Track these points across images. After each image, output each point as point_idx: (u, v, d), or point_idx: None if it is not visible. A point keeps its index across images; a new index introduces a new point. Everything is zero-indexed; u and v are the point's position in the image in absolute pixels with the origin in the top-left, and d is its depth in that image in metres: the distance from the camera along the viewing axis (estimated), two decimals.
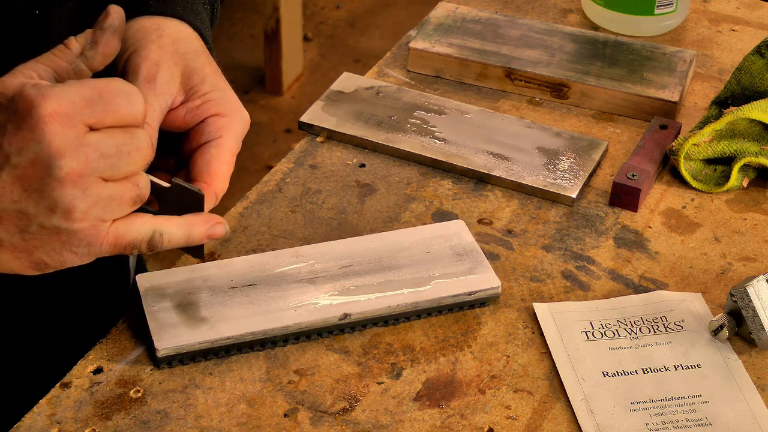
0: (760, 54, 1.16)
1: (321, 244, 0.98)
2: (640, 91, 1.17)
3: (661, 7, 1.28)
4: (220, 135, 0.86)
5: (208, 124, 0.86)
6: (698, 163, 1.10)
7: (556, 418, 0.87)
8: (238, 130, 0.87)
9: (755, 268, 1.01)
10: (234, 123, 0.87)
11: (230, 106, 0.87)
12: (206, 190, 0.84)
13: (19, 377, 1.00)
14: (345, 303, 0.92)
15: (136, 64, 0.85)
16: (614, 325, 0.94)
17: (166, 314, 0.90)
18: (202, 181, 0.85)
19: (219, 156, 0.85)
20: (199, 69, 0.87)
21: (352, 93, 1.17)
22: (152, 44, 0.86)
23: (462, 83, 1.22)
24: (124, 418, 0.85)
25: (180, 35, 0.88)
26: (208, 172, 0.85)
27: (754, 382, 0.90)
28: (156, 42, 0.87)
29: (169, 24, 0.89)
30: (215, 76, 0.88)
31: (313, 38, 3.13)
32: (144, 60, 0.85)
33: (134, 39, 0.87)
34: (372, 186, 1.08)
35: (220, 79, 0.88)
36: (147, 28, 0.88)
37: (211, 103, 0.86)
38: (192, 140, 0.87)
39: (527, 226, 1.04)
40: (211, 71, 0.88)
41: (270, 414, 0.87)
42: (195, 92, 0.87)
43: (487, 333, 0.94)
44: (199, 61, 0.88)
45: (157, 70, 0.85)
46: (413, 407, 0.88)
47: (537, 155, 1.10)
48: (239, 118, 0.87)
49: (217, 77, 0.88)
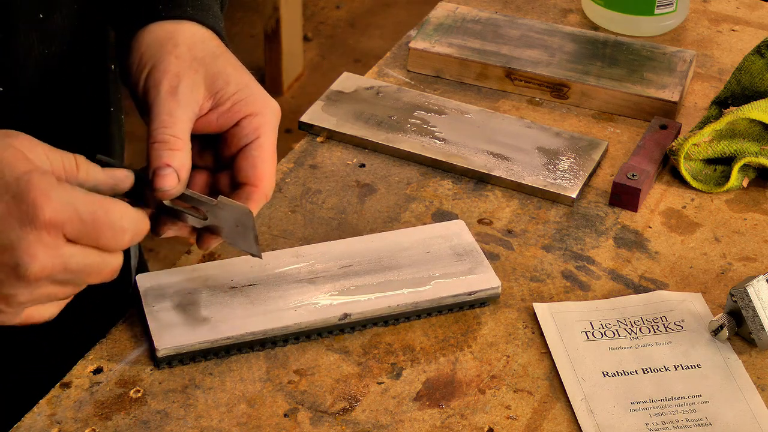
0: (760, 54, 1.16)
1: (321, 244, 0.98)
2: (640, 91, 1.17)
3: (661, 7, 1.28)
4: (258, 135, 0.86)
5: (244, 126, 0.86)
6: (698, 163, 1.10)
7: (556, 418, 0.87)
8: (274, 124, 0.88)
9: (755, 268, 1.01)
10: (268, 119, 0.87)
11: (259, 102, 0.87)
12: (257, 192, 0.85)
13: (19, 377, 1.00)
14: (345, 303, 0.92)
15: (157, 79, 0.85)
16: (614, 325, 0.94)
17: (167, 314, 0.90)
18: (251, 185, 0.86)
19: (262, 156, 0.86)
20: (221, 71, 0.87)
21: (352, 93, 1.17)
22: (169, 55, 0.86)
23: (462, 83, 1.22)
24: (124, 418, 0.85)
25: (194, 39, 0.88)
26: (255, 174, 0.86)
27: (754, 382, 0.90)
28: (173, 53, 0.86)
29: (182, 29, 0.88)
30: (238, 74, 0.88)
31: (313, 38, 3.13)
32: (164, 74, 0.85)
33: (150, 53, 0.87)
34: (372, 186, 1.08)
35: (244, 74, 0.88)
36: (161, 38, 0.87)
37: (241, 104, 0.86)
38: (231, 144, 0.87)
39: (527, 226, 1.04)
40: (233, 70, 0.88)
41: (270, 414, 0.87)
42: (222, 95, 0.86)
43: (487, 333, 0.94)
44: (218, 64, 0.87)
45: (178, 82, 0.85)
46: (413, 407, 0.88)
47: (537, 155, 1.10)
48: (271, 112, 0.88)
49: (239, 74, 0.88)
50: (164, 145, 0.82)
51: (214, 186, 0.89)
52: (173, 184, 0.82)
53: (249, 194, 0.86)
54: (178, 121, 0.83)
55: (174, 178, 0.82)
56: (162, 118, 0.83)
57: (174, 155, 0.82)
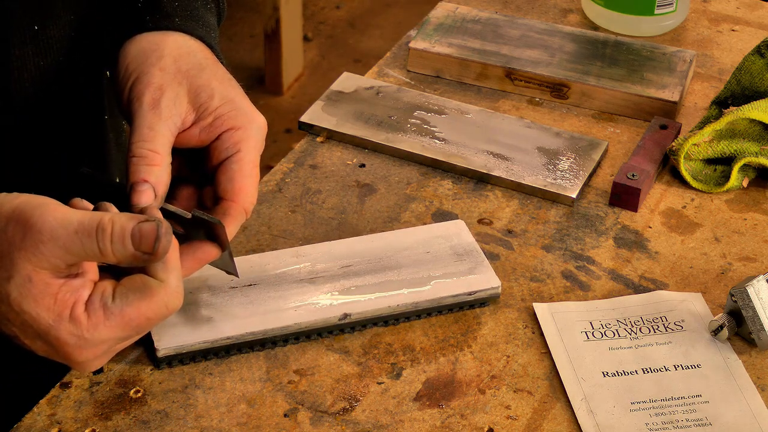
0: (760, 54, 1.16)
1: (321, 244, 0.98)
2: (640, 91, 1.17)
3: (661, 7, 1.28)
4: (238, 149, 0.85)
5: (224, 140, 0.86)
6: (698, 163, 1.10)
7: (556, 418, 0.87)
8: (256, 139, 0.87)
9: (755, 268, 1.01)
10: (250, 133, 0.86)
11: (243, 117, 0.86)
12: (234, 208, 0.84)
13: (19, 377, 0.99)
14: (345, 303, 0.92)
15: (140, 91, 0.84)
16: (614, 325, 0.94)
17: None
18: (228, 199, 0.85)
19: (241, 170, 0.85)
20: (205, 84, 0.86)
21: (352, 93, 1.17)
22: (153, 68, 0.85)
23: (462, 83, 1.22)
24: (124, 418, 0.85)
25: (180, 51, 0.87)
26: (233, 189, 0.85)
27: (754, 382, 0.90)
28: (156, 65, 0.86)
29: (168, 41, 0.88)
30: (223, 87, 0.87)
31: (313, 38, 3.13)
32: (147, 86, 0.84)
33: (136, 64, 0.86)
34: (372, 186, 1.08)
35: (230, 88, 0.87)
36: (147, 50, 0.87)
37: (223, 118, 0.86)
38: (212, 157, 0.86)
39: (527, 226, 1.04)
40: (218, 83, 0.87)
41: (270, 414, 0.87)
42: (205, 109, 0.86)
43: (487, 333, 0.94)
44: (203, 77, 0.86)
45: (160, 95, 0.84)
46: (413, 407, 0.88)
47: (537, 155, 1.10)
48: (254, 127, 0.87)
49: (225, 88, 0.87)
50: (142, 159, 0.82)
51: (200, 200, 0.88)
52: (148, 201, 0.81)
53: (226, 209, 0.85)
54: (158, 135, 0.83)
55: (150, 194, 0.81)
56: (142, 132, 0.83)
57: (151, 170, 0.81)
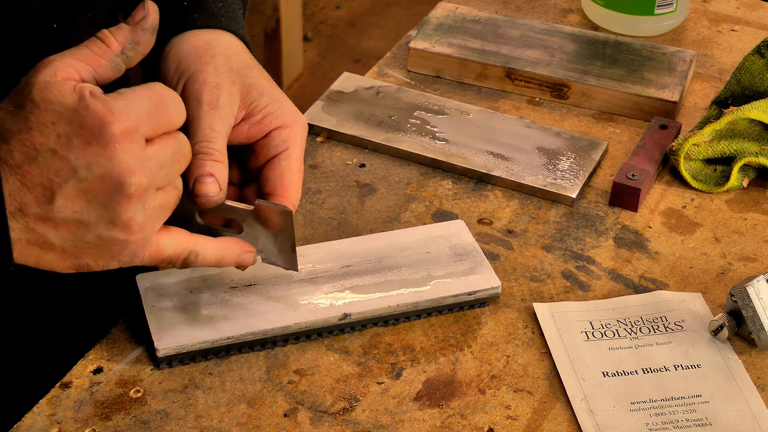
0: (760, 54, 1.16)
1: (321, 244, 0.98)
2: (640, 91, 1.17)
3: (661, 7, 1.28)
4: (287, 147, 0.87)
5: (273, 137, 0.87)
6: (698, 163, 1.10)
7: (556, 418, 0.87)
8: (302, 138, 0.89)
9: (755, 268, 1.01)
10: (297, 132, 0.88)
11: (290, 116, 0.88)
12: (284, 203, 0.86)
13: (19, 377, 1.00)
14: (345, 303, 0.92)
15: (197, 90, 0.86)
16: (614, 325, 0.94)
17: (167, 314, 0.90)
18: (278, 195, 0.86)
19: (290, 167, 0.87)
20: (256, 83, 0.88)
21: (352, 93, 1.17)
22: (208, 66, 0.87)
23: (462, 83, 1.22)
24: (124, 418, 0.85)
25: (231, 50, 0.89)
26: (283, 184, 0.87)
27: (754, 382, 0.90)
28: (211, 63, 0.87)
29: (218, 39, 0.89)
30: (271, 87, 0.89)
31: (313, 38, 3.13)
32: (204, 85, 0.86)
33: (188, 62, 0.87)
34: (372, 186, 1.08)
35: (276, 89, 0.90)
36: (199, 48, 0.88)
37: (272, 116, 0.88)
38: (259, 155, 0.88)
39: (527, 226, 1.04)
40: (266, 83, 0.89)
41: (270, 414, 0.87)
42: (255, 107, 0.88)
43: (487, 333, 0.94)
44: (254, 75, 0.89)
45: (218, 94, 0.86)
46: (413, 407, 0.88)
47: (537, 155, 1.10)
48: (300, 126, 0.89)
49: (272, 88, 0.89)
50: (207, 156, 0.83)
51: (242, 200, 0.89)
52: (216, 191, 0.82)
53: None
54: (219, 135, 0.84)
55: (215, 185, 0.82)
56: (204, 132, 0.84)
57: (216, 166, 0.83)
